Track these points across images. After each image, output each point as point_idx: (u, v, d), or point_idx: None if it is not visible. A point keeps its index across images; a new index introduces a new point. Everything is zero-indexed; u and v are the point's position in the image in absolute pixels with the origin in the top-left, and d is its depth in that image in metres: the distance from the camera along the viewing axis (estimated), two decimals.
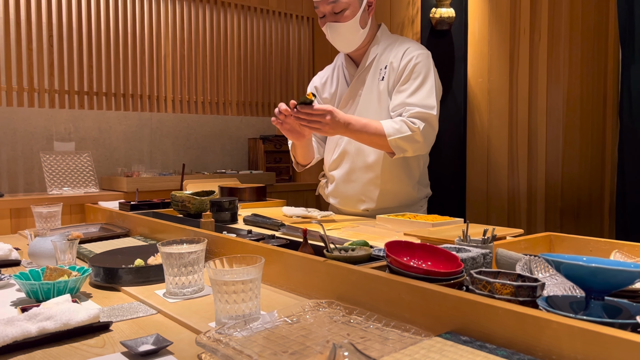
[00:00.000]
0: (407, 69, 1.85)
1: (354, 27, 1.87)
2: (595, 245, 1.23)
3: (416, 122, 1.77)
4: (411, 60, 1.85)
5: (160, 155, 3.32)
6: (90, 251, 1.53)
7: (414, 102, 1.80)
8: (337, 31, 1.88)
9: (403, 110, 1.82)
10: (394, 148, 1.78)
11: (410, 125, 1.77)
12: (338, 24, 1.86)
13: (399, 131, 1.77)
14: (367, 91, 1.94)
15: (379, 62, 1.93)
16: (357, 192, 2.00)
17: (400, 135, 1.76)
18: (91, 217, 2.32)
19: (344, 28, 1.86)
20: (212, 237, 1.40)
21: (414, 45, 1.92)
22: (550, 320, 0.68)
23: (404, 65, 1.86)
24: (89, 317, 0.92)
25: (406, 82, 1.85)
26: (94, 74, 2.95)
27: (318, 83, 2.15)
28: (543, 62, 2.79)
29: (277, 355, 0.76)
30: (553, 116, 2.80)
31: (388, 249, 0.97)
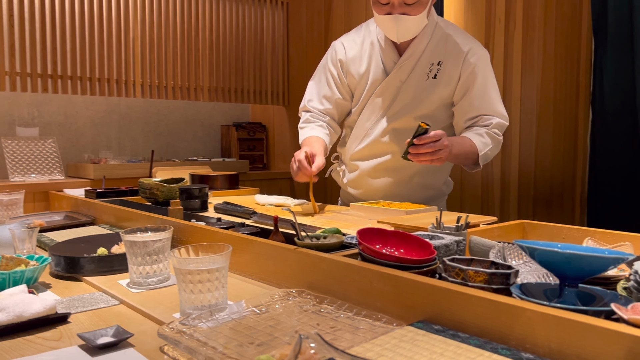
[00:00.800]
0: (475, 76, 1.73)
1: (422, 19, 1.67)
2: (568, 233, 1.22)
3: (499, 133, 1.78)
4: (478, 65, 1.73)
5: (129, 141, 3.23)
6: (52, 240, 1.47)
7: (490, 111, 1.76)
8: (403, 24, 1.65)
9: (479, 119, 1.77)
10: (482, 161, 1.75)
11: (496, 138, 1.77)
12: (406, 17, 1.63)
13: (487, 145, 1.75)
14: (411, 84, 1.77)
15: (430, 55, 1.75)
16: (387, 186, 1.86)
17: (487, 148, 1.74)
18: (56, 205, 2.25)
19: (413, 21, 1.65)
20: (180, 225, 1.35)
21: (475, 44, 1.77)
22: (524, 308, 0.66)
23: (470, 72, 1.73)
24: (45, 309, 0.87)
25: (476, 89, 1.74)
26: (58, 57, 2.84)
27: (344, 56, 1.87)
28: (518, 51, 2.80)
29: (243, 347, 0.73)
30: (527, 105, 2.81)
31: (360, 237, 0.95)
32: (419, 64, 1.76)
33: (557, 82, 2.78)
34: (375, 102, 1.82)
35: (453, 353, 0.66)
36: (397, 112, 1.79)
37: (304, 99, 1.99)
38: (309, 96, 1.96)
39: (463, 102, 1.77)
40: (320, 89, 1.92)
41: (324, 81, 1.92)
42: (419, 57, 1.76)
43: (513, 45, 2.81)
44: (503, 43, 2.81)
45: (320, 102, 1.92)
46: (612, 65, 2.47)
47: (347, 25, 3.59)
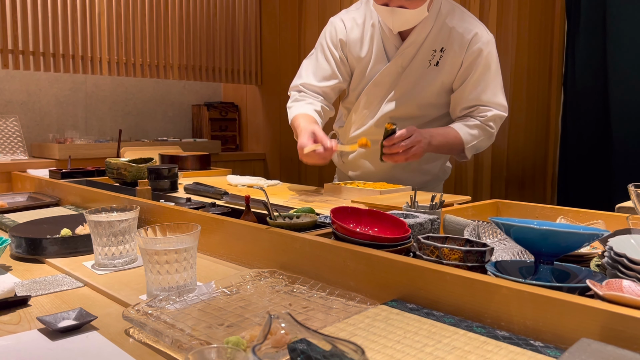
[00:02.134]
0: (478, 63, 1.67)
1: (421, 12, 1.61)
2: (541, 212, 1.23)
3: (493, 126, 1.73)
4: (482, 52, 1.66)
5: (96, 121, 3.14)
6: (13, 221, 1.42)
7: (488, 101, 1.71)
8: (401, 17, 1.59)
9: (475, 109, 1.71)
10: (469, 153, 1.73)
11: (488, 131, 1.72)
12: (402, 10, 1.57)
13: (475, 137, 1.71)
14: (412, 71, 1.71)
15: (433, 42, 1.68)
16: (384, 169, 1.82)
17: (476, 141, 1.71)
18: (19, 185, 2.17)
19: (410, 14, 1.59)
20: (148, 205, 1.31)
21: (480, 29, 1.69)
22: (499, 285, 0.65)
23: (473, 59, 1.67)
24: (3, 292, 0.83)
25: (477, 77, 1.68)
26: (19, 31, 2.72)
27: (344, 36, 1.78)
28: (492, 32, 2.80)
29: (212, 329, 0.70)
30: None
31: (334, 215, 0.93)
32: (421, 51, 1.70)
33: (530, 65, 2.79)
34: (375, 88, 1.76)
35: (427, 332, 0.64)
36: (397, 99, 1.74)
37: (297, 77, 1.87)
38: (304, 74, 1.84)
39: (461, 90, 1.71)
40: (317, 68, 1.82)
41: (322, 59, 1.81)
42: (421, 44, 1.69)
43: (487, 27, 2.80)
44: None
45: (317, 80, 1.81)
46: (584, 48, 2.49)
47: (320, 3, 3.52)
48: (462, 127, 1.71)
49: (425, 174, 1.86)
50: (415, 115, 1.77)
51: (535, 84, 2.79)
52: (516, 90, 2.81)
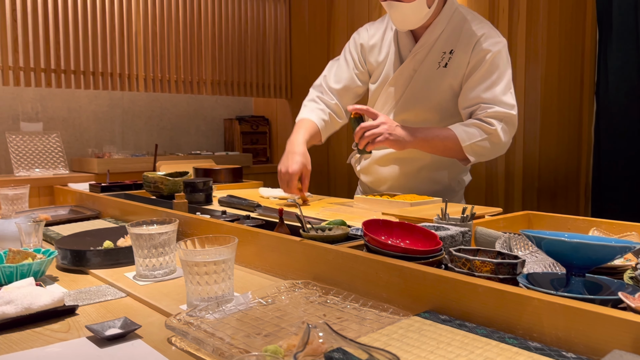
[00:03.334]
0: (483, 62, 1.64)
1: (420, 7, 1.62)
2: (574, 224, 1.22)
3: (494, 123, 1.62)
4: (488, 53, 1.64)
5: (132, 136, 3.23)
6: (57, 234, 1.48)
7: (490, 99, 1.63)
8: (400, 11, 1.63)
9: (477, 108, 1.65)
10: (470, 154, 1.63)
11: (486, 128, 1.62)
12: (401, 5, 1.61)
13: (474, 136, 1.62)
14: (423, 74, 1.73)
15: (444, 43, 1.70)
16: (394, 176, 1.84)
17: (475, 140, 1.61)
18: (60, 199, 2.25)
19: (409, 8, 1.62)
20: (185, 218, 1.36)
21: (488, 31, 1.68)
22: (531, 297, 0.66)
23: (479, 59, 1.65)
24: (53, 301, 0.88)
25: (481, 75, 1.65)
26: (61, 51, 2.84)
27: (366, 42, 1.86)
28: (522, 42, 2.79)
29: (251, 338, 0.73)
30: (531, 96, 2.80)
31: (365, 228, 0.95)
32: (431, 52, 1.71)
33: (561, 73, 2.77)
34: (389, 90, 1.79)
35: (460, 342, 0.66)
36: (408, 101, 1.76)
37: (320, 76, 1.96)
38: (326, 74, 1.93)
39: (464, 89, 1.69)
40: (338, 69, 1.91)
41: (342, 62, 1.90)
42: (432, 45, 1.71)
43: (517, 37, 2.79)
44: (507, 34, 2.79)
45: (335, 81, 1.89)
46: (616, 56, 2.46)
47: (349, 18, 3.57)
48: (458, 125, 1.65)
49: (435, 183, 1.83)
50: (428, 118, 1.76)
51: (566, 93, 2.76)
52: (547, 99, 2.78)
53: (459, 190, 1.90)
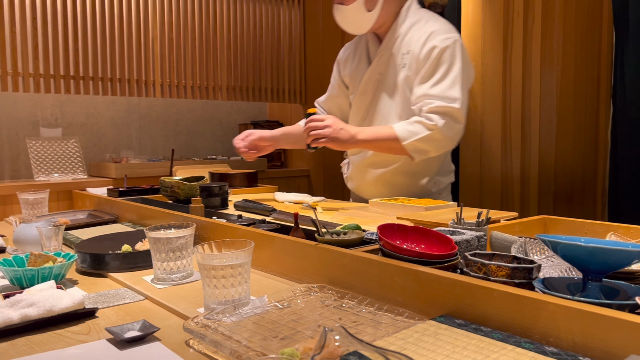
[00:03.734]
0: (431, 57, 1.67)
1: (359, 10, 1.72)
2: (591, 228, 1.21)
3: (434, 119, 1.63)
4: (435, 48, 1.67)
5: (149, 141, 3.27)
6: (77, 237, 1.50)
7: (435, 94, 1.65)
8: (341, 13, 1.76)
9: (423, 104, 1.66)
10: (412, 152, 1.66)
11: (426, 124, 1.63)
12: (341, 7, 1.75)
13: (414, 133, 1.64)
14: (389, 77, 1.79)
15: (402, 44, 1.76)
16: (372, 182, 1.90)
17: (416, 137, 1.63)
18: (79, 203, 2.29)
19: (348, 11, 1.74)
20: (202, 222, 1.37)
21: (440, 28, 1.72)
22: (547, 301, 0.66)
23: (427, 53, 1.68)
24: (74, 304, 0.89)
25: (428, 71, 1.67)
26: (79, 58, 2.89)
27: (341, 57, 2.00)
28: (537, 46, 2.77)
29: (267, 341, 0.74)
30: (547, 100, 2.78)
31: (381, 232, 0.95)
32: (393, 55, 1.77)
33: (577, 77, 2.75)
34: (362, 97, 1.87)
35: (476, 347, 0.66)
36: (378, 105, 1.82)
37: None
38: (320, 100, 2.11)
39: (414, 85, 1.71)
40: (329, 87, 2.06)
41: (330, 85, 2.06)
42: (392, 48, 1.78)
43: (532, 41, 2.78)
44: (522, 38, 2.78)
45: (324, 97, 2.07)
46: (634, 59, 2.43)
47: None
48: (401, 124, 1.68)
49: (411, 186, 1.85)
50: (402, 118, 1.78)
51: (582, 96, 2.74)
52: (563, 103, 2.76)
53: (440, 193, 1.90)
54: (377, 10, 1.74)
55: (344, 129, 1.66)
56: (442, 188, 1.90)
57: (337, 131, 1.64)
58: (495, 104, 2.86)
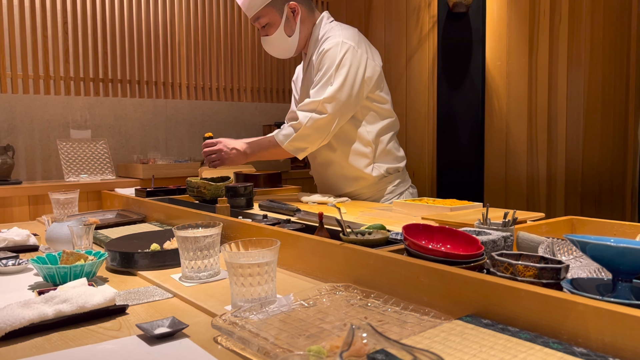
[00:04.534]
0: (317, 62, 1.86)
1: (281, 37, 1.93)
2: (620, 229, 1.19)
3: (299, 116, 1.82)
4: (320, 53, 1.85)
5: (175, 142, 3.32)
6: (106, 236, 1.54)
7: (311, 94, 1.84)
8: (268, 44, 1.97)
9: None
10: (293, 152, 1.86)
11: (293, 125, 1.83)
12: (267, 38, 1.95)
13: (287, 136, 1.84)
14: (310, 86, 1.93)
15: (313, 57, 1.93)
16: (324, 182, 2.08)
17: (289, 139, 1.83)
18: (108, 203, 2.34)
19: (272, 40, 1.94)
20: (228, 221, 1.39)
21: (334, 34, 1.87)
22: (576, 302, 0.65)
23: (317, 59, 1.87)
24: (105, 300, 0.92)
25: (314, 75, 1.86)
26: (108, 61, 2.96)
27: (295, 77, 2.21)
28: (564, 45, 2.73)
29: (294, 338, 0.75)
30: (574, 100, 2.73)
31: (406, 232, 0.95)
32: (310, 69, 1.95)
33: (606, 76, 2.70)
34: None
35: (503, 347, 0.66)
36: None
37: None
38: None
39: None
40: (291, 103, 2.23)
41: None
42: (308, 63, 1.97)
43: (559, 40, 2.74)
44: (548, 37, 2.74)
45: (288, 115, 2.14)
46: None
47: (387, 24, 3.58)
48: (277, 131, 1.90)
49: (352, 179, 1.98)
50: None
51: (610, 96, 2.69)
52: (590, 103, 2.71)
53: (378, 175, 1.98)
54: (296, 33, 1.93)
55: (235, 148, 1.91)
56: (387, 174, 1.99)
57: (228, 152, 1.90)
58: (521, 104, 2.83)
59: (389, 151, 2.02)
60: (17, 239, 1.49)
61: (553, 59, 2.75)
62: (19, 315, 0.83)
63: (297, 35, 1.94)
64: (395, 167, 2.03)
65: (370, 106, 1.94)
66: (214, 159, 1.91)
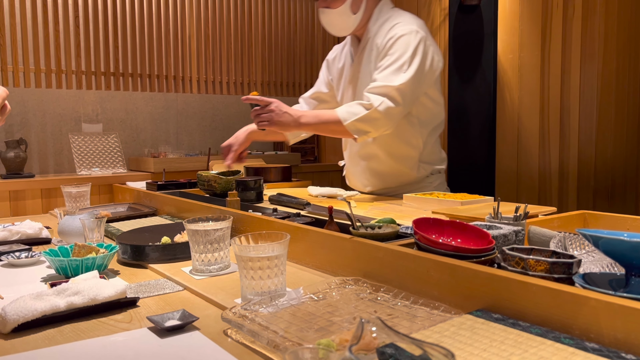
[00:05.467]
0: (387, 47, 1.73)
1: (345, 13, 1.80)
2: (633, 224, 1.18)
3: (371, 98, 1.67)
4: (392, 38, 1.72)
5: (186, 136, 3.33)
6: (118, 229, 1.55)
7: (379, 78, 1.70)
8: (327, 17, 1.83)
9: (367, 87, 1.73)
10: (354, 132, 1.69)
11: (364, 104, 1.67)
12: (328, 10, 1.80)
13: (354, 114, 1.67)
14: (364, 74, 1.84)
15: (374, 42, 1.81)
16: (359, 174, 1.99)
17: (355, 117, 1.67)
18: (119, 197, 2.35)
19: (334, 14, 1.80)
20: (238, 215, 1.40)
21: (405, 20, 1.77)
22: (588, 297, 0.65)
23: (385, 43, 1.74)
24: (116, 293, 0.92)
25: (382, 59, 1.73)
26: (119, 55, 2.97)
27: (330, 57, 2.09)
28: (577, 38, 2.70)
29: (303, 332, 0.75)
30: (587, 93, 2.70)
31: (416, 226, 0.95)
32: (367, 53, 1.83)
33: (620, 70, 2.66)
34: (347, 93, 1.93)
35: (514, 341, 0.65)
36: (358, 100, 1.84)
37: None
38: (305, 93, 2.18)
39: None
40: (316, 83, 2.14)
41: (319, 77, 2.13)
42: (365, 46, 1.84)
43: (572, 33, 2.70)
44: (561, 30, 2.71)
45: (309, 93, 2.14)
46: None
47: None
48: (342, 106, 1.73)
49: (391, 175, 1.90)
50: None
51: (624, 89, 2.65)
52: (604, 97, 2.68)
53: (429, 180, 1.93)
54: (361, 12, 1.81)
55: (288, 112, 1.72)
56: (430, 175, 1.93)
57: (280, 114, 1.70)
58: (533, 97, 2.80)
59: (435, 151, 1.94)
60: (29, 231, 1.50)
61: (566, 52, 2.72)
62: (31, 307, 0.84)
63: (360, 14, 1.81)
64: (439, 169, 1.95)
65: (426, 103, 1.84)
66: (264, 119, 1.71)
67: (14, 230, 1.49)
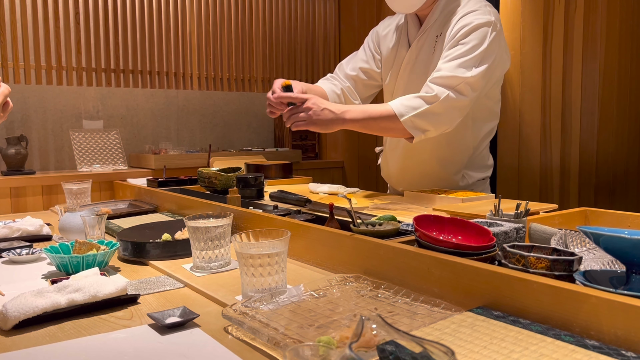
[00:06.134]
0: (459, 34, 1.52)
1: None
2: (634, 221, 1.18)
3: (435, 89, 1.47)
4: (463, 27, 1.52)
5: (187, 132, 3.33)
6: (118, 226, 1.55)
7: (446, 67, 1.49)
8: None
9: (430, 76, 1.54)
10: (411, 130, 1.48)
11: (425, 97, 1.46)
12: None
13: (413, 107, 1.46)
14: (423, 58, 1.66)
15: (436, 28, 1.63)
16: (397, 172, 1.84)
17: (415, 112, 1.46)
18: (120, 193, 2.35)
19: None
20: (239, 212, 1.40)
21: (475, 8, 1.56)
22: (588, 294, 0.65)
23: (455, 32, 1.54)
24: (117, 290, 0.92)
25: (449, 47, 1.53)
26: (120, 52, 2.96)
27: (381, 30, 1.83)
28: (579, 34, 2.69)
29: (304, 329, 0.75)
30: (588, 90, 2.70)
31: (417, 223, 0.95)
32: (427, 38, 1.65)
33: (622, 65, 2.66)
34: (398, 79, 1.74)
35: (514, 339, 0.65)
36: (410, 88, 1.67)
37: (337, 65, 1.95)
38: (343, 63, 1.91)
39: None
40: (354, 57, 1.89)
41: (360, 51, 1.89)
42: (426, 30, 1.65)
43: (574, 29, 2.69)
44: (563, 26, 2.70)
45: (348, 67, 1.87)
46: None
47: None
48: (397, 99, 1.52)
49: (435, 178, 1.75)
50: None
51: (626, 85, 2.65)
52: (606, 93, 2.67)
53: (470, 187, 1.76)
54: None
55: (327, 108, 1.47)
56: (473, 183, 1.76)
57: (319, 113, 1.46)
58: (535, 93, 2.79)
59: (483, 157, 1.77)
60: (30, 228, 1.51)
61: (568, 48, 2.71)
62: (32, 304, 0.84)
63: None
64: (484, 177, 1.78)
65: (487, 103, 1.66)
66: (300, 118, 1.47)
67: (14, 227, 1.49)
